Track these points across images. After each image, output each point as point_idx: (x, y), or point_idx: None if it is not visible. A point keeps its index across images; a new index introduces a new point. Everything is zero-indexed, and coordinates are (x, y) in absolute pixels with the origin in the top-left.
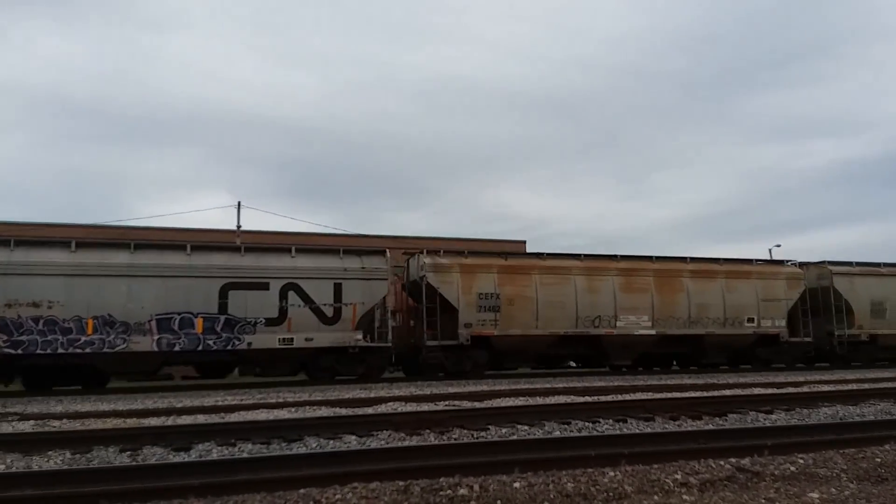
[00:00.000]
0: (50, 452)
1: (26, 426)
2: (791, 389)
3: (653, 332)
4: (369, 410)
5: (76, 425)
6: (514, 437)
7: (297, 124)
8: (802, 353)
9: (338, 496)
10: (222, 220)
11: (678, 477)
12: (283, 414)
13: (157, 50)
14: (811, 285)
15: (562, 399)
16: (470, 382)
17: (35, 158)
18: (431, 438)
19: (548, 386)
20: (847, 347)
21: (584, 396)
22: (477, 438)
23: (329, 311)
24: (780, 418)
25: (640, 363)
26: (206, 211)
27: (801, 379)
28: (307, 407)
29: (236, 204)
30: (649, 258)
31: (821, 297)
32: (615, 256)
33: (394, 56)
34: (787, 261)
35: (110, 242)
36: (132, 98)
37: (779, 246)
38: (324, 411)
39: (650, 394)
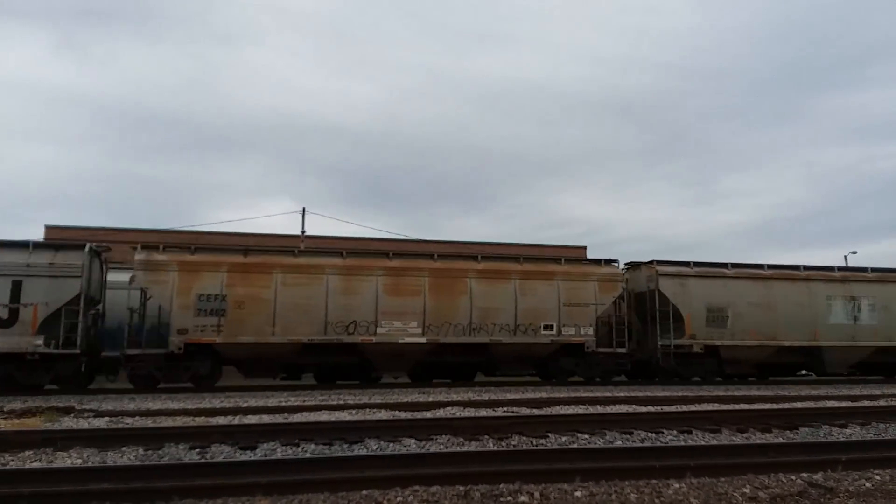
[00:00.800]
0: (124, 448)
1: (101, 423)
2: (867, 403)
3: (423, 339)
4: (427, 415)
5: (148, 423)
6: (575, 446)
7: (360, 131)
8: (617, 365)
9: (399, 498)
10: (288, 225)
11: (746, 491)
12: (344, 416)
13: (228, 63)
14: (639, 289)
15: (623, 408)
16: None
17: (111, 168)
18: (490, 444)
19: (608, 394)
20: (676, 360)
21: (646, 406)
22: (537, 446)
23: (4, 313)
24: (854, 432)
25: (415, 375)
26: (273, 217)
27: (878, 392)
28: (367, 410)
29: (301, 210)
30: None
31: (648, 303)
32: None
33: (455, 62)
34: (609, 260)
35: None
36: (204, 110)
37: (854, 253)
38: (383, 414)
39: (716, 405)
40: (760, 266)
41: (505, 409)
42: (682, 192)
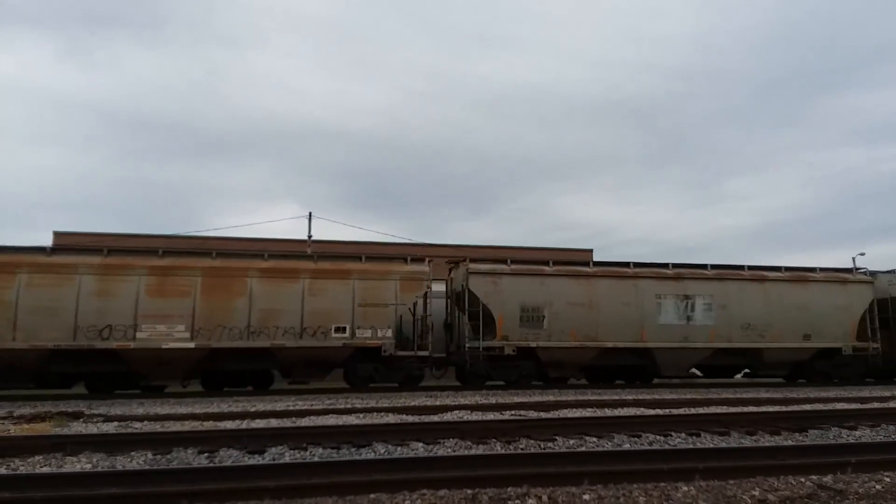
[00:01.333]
0: (133, 453)
1: (110, 427)
2: (877, 405)
3: (192, 344)
4: (435, 418)
5: (156, 427)
6: (583, 449)
7: (365, 135)
8: (420, 367)
9: (407, 502)
10: (294, 230)
11: (756, 493)
12: (352, 420)
13: (232, 65)
14: (455, 288)
15: (631, 411)
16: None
17: (113, 172)
18: (498, 448)
19: (616, 398)
20: (489, 363)
21: (654, 409)
22: (544, 449)
23: None
24: (864, 434)
25: (206, 384)
26: (279, 221)
27: (888, 394)
28: (374, 413)
29: (307, 214)
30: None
31: (465, 302)
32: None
33: (457, 65)
34: (420, 257)
35: None
36: (208, 113)
37: (863, 254)
38: (391, 418)
39: (725, 407)
40: (585, 263)
41: (512, 412)
42: (686, 194)
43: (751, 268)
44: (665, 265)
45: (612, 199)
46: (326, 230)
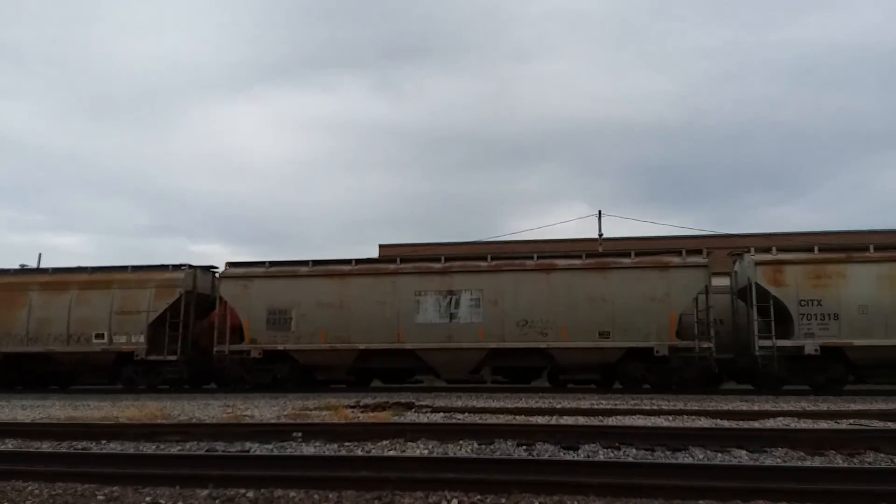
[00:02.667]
0: (461, 441)
1: (438, 417)
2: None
3: None
4: (756, 424)
5: (476, 419)
6: None
7: (654, 127)
8: (172, 373)
9: None
10: (584, 229)
11: None
12: (661, 422)
13: (520, 77)
14: (210, 292)
15: None
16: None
17: (423, 188)
18: (838, 461)
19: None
20: (238, 366)
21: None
22: None
23: None
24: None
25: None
26: (569, 222)
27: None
28: (685, 416)
29: (597, 213)
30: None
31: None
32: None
33: (761, 36)
34: (181, 265)
35: None
36: (501, 125)
37: None
38: (704, 422)
39: None
40: (348, 261)
41: (851, 421)
42: None
43: (546, 256)
44: (438, 258)
45: None
46: (617, 227)
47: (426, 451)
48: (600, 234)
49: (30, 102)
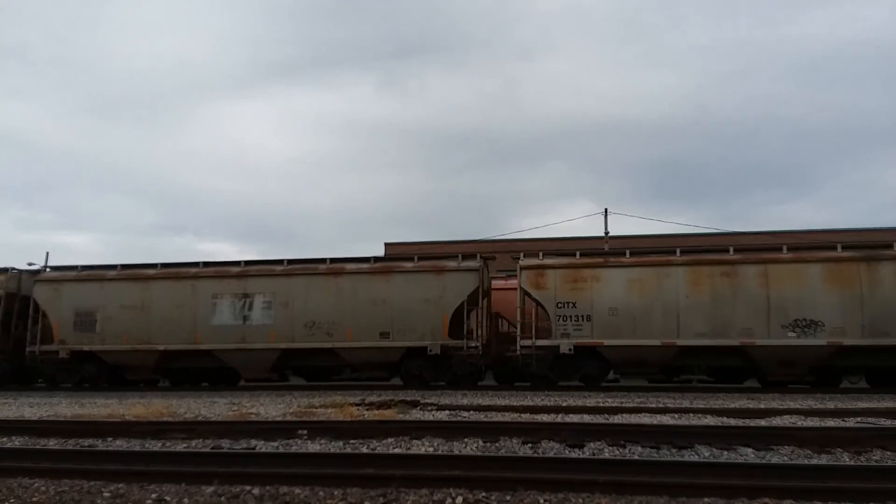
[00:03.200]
0: (466, 439)
1: (443, 416)
2: None
3: None
4: (762, 422)
5: (481, 417)
6: None
7: (660, 125)
8: None
9: None
10: (589, 227)
11: None
12: (666, 419)
13: (525, 75)
14: (23, 293)
15: None
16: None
17: (428, 186)
18: (845, 458)
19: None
20: (49, 365)
21: None
22: None
23: None
24: None
25: None
26: (575, 220)
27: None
28: (690, 414)
29: (603, 211)
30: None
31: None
32: None
33: (770, 32)
34: (6, 268)
35: None
36: (507, 123)
37: None
38: (710, 420)
39: None
40: (153, 266)
41: (859, 419)
42: None
43: (338, 261)
44: (236, 263)
45: None
46: (623, 225)
47: (431, 449)
48: (606, 233)
49: (37, 102)
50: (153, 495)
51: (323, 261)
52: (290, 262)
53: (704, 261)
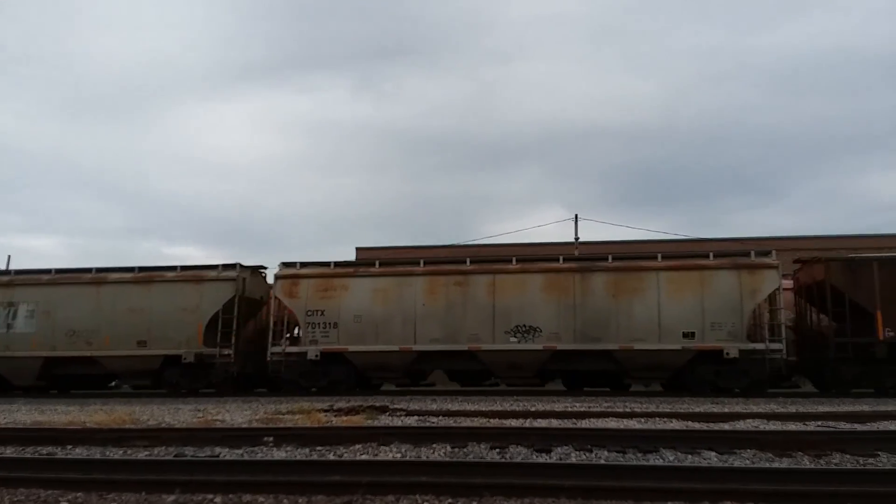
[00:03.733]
0: (434, 445)
1: (412, 421)
2: None
3: None
4: (726, 426)
5: (450, 422)
6: None
7: (634, 131)
8: None
9: None
10: (560, 233)
11: None
12: (633, 424)
13: (500, 80)
14: None
15: None
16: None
17: (404, 189)
18: (805, 462)
19: None
20: None
21: None
22: (864, 465)
23: None
24: None
25: None
26: (546, 226)
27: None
28: (656, 418)
29: (573, 217)
30: None
31: None
32: None
33: (740, 42)
34: None
35: None
36: (482, 127)
37: None
38: (675, 424)
39: None
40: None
41: (819, 423)
42: None
43: (104, 270)
44: (7, 272)
45: None
46: (593, 231)
47: (399, 455)
48: (576, 238)
49: (3, 100)
50: None
51: (88, 270)
52: (58, 271)
53: (441, 271)
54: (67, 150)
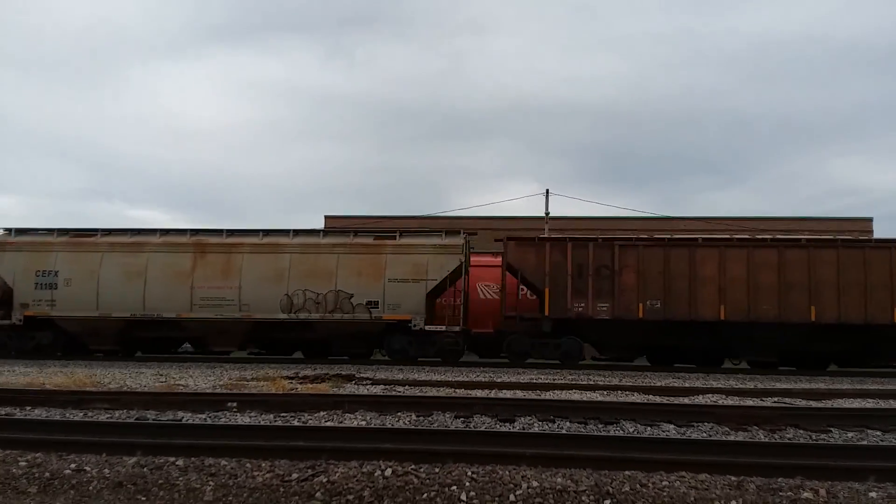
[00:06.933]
0: (399, 413)
1: (378, 390)
2: None
3: None
4: (685, 400)
5: (416, 392)
6: (867, 443)
7: (604, 108)
8: None
9: (664, 482)
10: (532, 207)
11: None
12: (596, 396)
13: (474, 52)
14: None
15: None
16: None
17: (375, 160)
18: (760, 436)
19: None
20: None
21: None
22: (817, 440)
23: None
24: None
25: None
26: (517, 200)
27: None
28: (619, 392)
29: (545, 192)
30: None
31: None
32: None
33: (713, 23)
34: None
35: None
36: (455, 99)
37: None
38: (636, 397)
39: None
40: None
41: (776, 399)
42: None
43: None
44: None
45: None
46: (564, 207)
47: (364, 423)
48: (547, 213)
49: None
50: (72, 465)
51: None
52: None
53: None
54: (24, 111)
